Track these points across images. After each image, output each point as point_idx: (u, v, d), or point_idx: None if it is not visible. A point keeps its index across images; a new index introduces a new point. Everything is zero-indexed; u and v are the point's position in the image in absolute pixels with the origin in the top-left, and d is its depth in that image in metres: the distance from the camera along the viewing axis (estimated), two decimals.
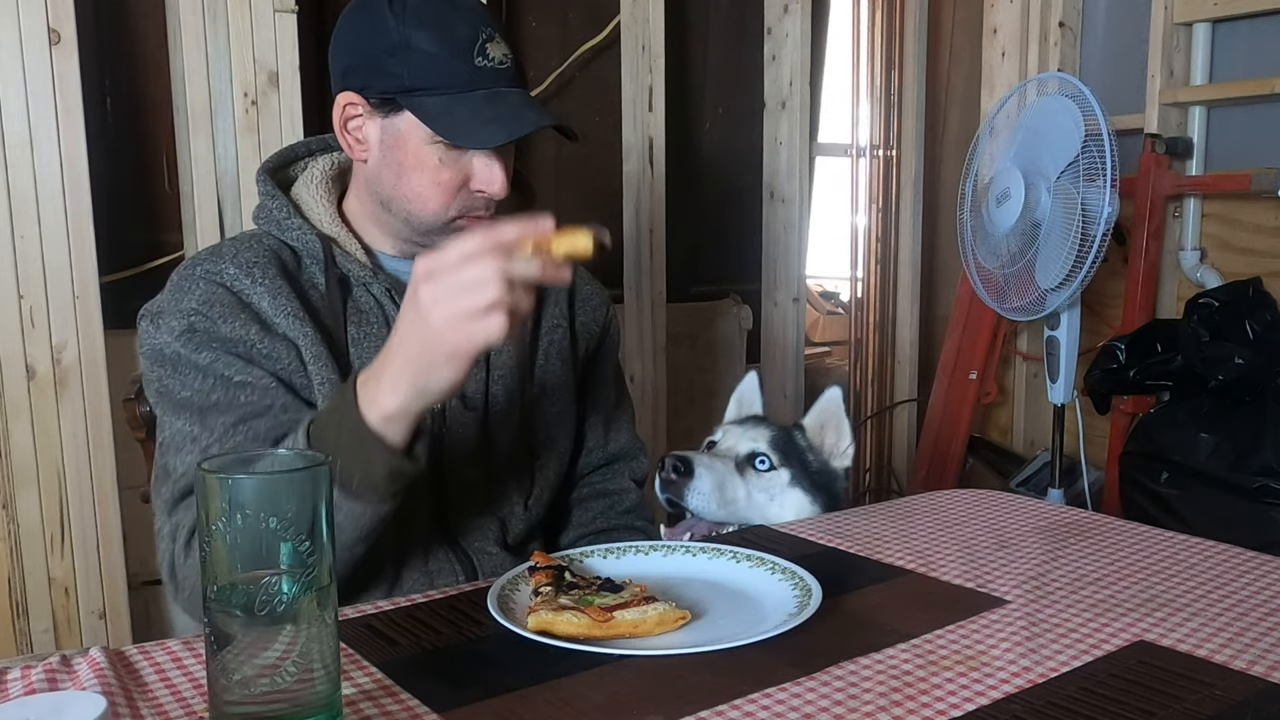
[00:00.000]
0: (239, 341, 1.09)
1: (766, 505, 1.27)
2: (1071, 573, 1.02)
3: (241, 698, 0.66)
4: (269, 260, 1.14)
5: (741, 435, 1.31)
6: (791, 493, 1.28)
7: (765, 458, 1.28)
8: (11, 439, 1.86)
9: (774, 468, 1.28)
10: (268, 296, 1.11)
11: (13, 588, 1.88)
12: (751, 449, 1.28)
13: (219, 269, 1.12)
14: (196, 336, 1.09)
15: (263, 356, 1.10)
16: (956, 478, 2.84)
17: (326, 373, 1.12)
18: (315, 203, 1.21)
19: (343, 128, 1.16)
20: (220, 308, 1.09)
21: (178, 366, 1.09)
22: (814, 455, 1.32)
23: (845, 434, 1.34)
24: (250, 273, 1.12)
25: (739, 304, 2.99)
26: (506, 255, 0.87)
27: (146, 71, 2.10)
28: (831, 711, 0.73)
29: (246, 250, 1.14)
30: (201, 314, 1.09)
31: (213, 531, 0.65)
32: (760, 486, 1.27)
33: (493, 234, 0.87)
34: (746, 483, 1.26)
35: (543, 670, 0.80)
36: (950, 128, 3.26)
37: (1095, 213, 2.11)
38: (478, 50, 1.09)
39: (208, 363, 1.08)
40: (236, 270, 1.12)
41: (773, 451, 1.28)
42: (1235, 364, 2.05)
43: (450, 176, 1.13)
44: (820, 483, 1.30)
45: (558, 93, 2.65)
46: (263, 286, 1.11)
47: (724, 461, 1.27)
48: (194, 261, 1.15)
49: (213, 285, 1.11)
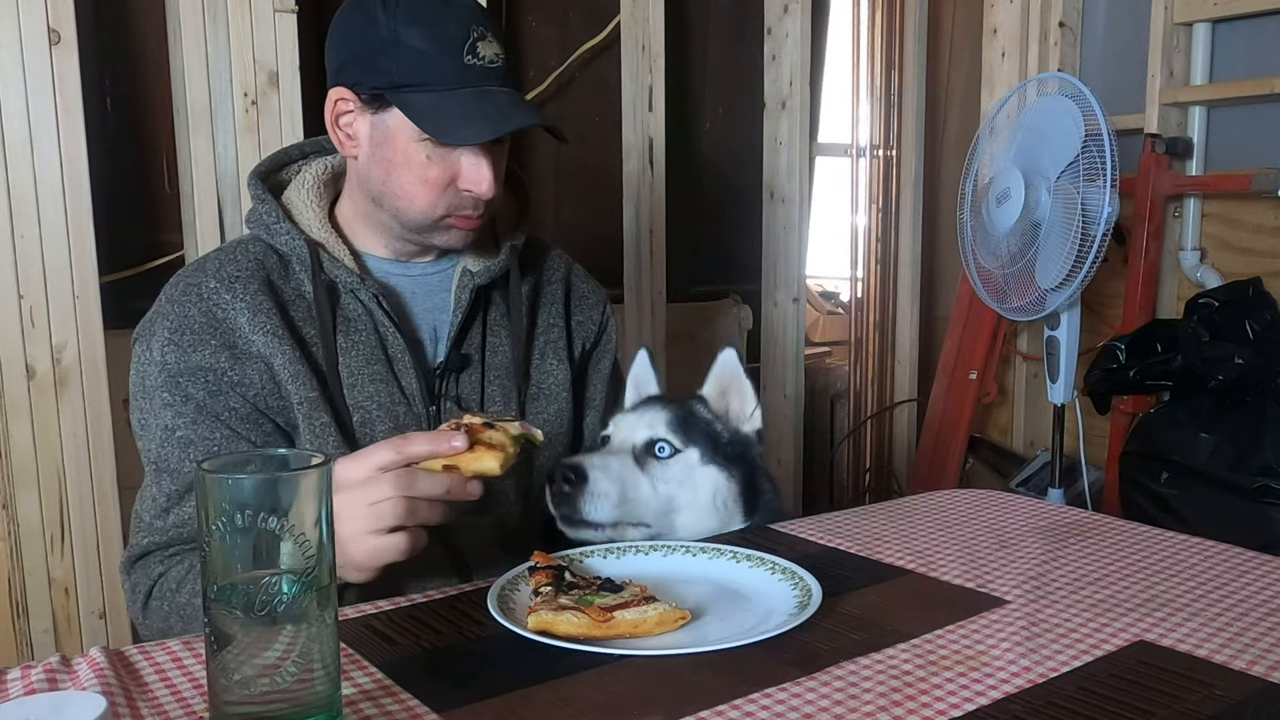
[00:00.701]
0: (209, 370, 1.11)
1: (677, 493, 1.15)
2: (1071, 573, 1.02)
3: (241, 698, 0.66)
4: (251, 274, 1.15)
5: (636, 422, 1.19)
6: (703, 471, 1.17)
7: (665, 443, 1.15)
8: (11, 439, 1.86)
9: (677, 451, 1.16)
10: (246, 313, 1.12)
11: (13, 588, 1.88)
12: (649, 436, 1.16)
13: (199, 281, 1.14)
14: (168, 369, 1.11)
15: (231, 385, 1.12)
16: (956, 478, 2.84)
17: (305, 391, 1.12)
18: (305, 207, 1.21)
19: (334, 123, 1.16)
20: (190, 335, 1.12)
21: (146, 410, 1.13)
22: (722, 425, 1.21)
23: (749, 397, 1.23)
24: (231, 287, 1.13)
25: (739, 304, 2.99)
26: (410, 476, 0.89)
27: (146, 71, 2.10)
28: (831, 711, 0.73)
29: (231, 264, 1.15)
30: (174, 343, 1.12)
31: (213, 531, 0.65)
32: (665, 476, 1.15)
33: (402, 449, 0.90)
34: (650, 475, 1.14)
35: (543, 670, 0.80)
36: (950, 128, 3.26)
37: (1095, 213, 2.11)
38: (468, 48, 1.10)
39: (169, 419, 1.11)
40: (217, 284, 1.14)
41: (673, 434, 1.16)
42: (1235, 364, 2.05)
43: (438, 174, 1.13)
44: (733, 454, 1.20)
45: (558, 93, 2.65)
46: (242, 302, 1.13)
47: (619, 457, 1.14)
48: (179, 276, 1.18)
49: (189, 304, 1.13)
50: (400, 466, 0.90)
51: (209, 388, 1.11)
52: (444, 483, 0.90)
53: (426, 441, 0.91)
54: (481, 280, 1.22)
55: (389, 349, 1.18)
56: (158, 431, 1.12)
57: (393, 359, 1.18)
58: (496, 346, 1.26)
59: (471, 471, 0.91)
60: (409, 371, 1.19)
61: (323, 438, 1.13)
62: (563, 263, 1.37)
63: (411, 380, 1.19)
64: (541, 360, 1.30)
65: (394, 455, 0.90)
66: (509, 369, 1.26)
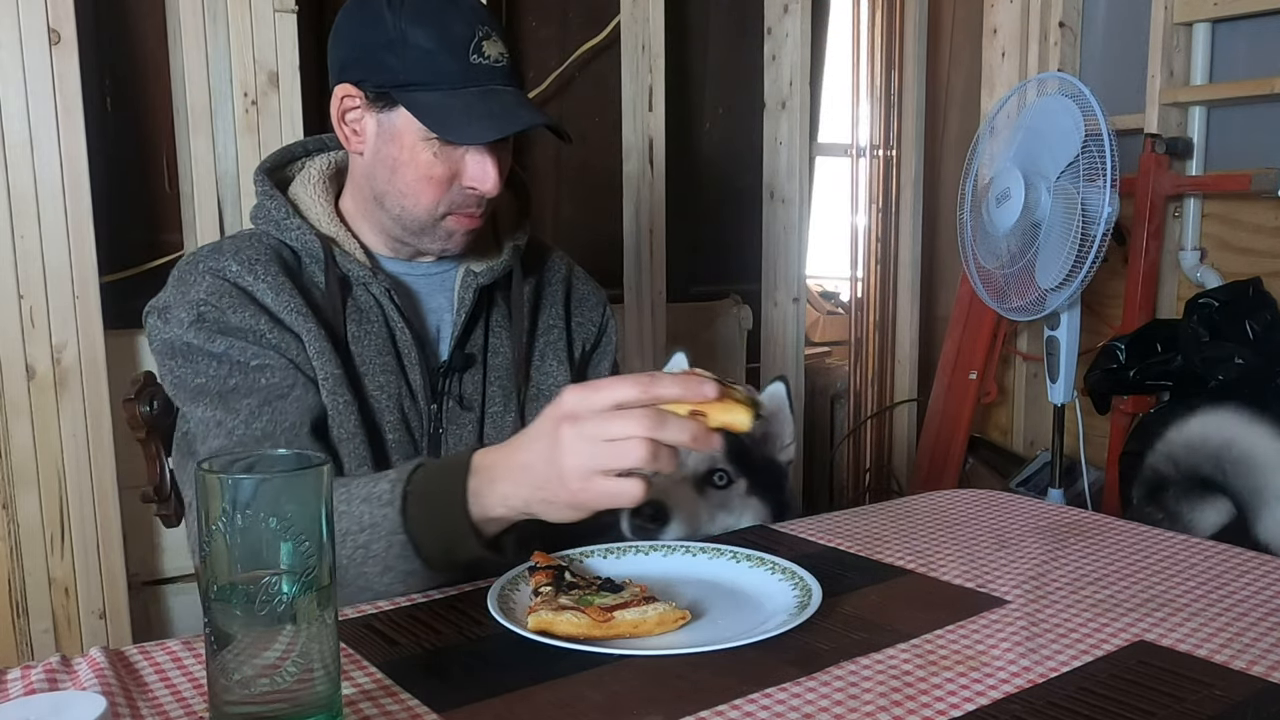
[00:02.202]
0: (249, 331, 1.10)
1: (727, 519, 1.21)
2: (1071, 573, 1.02)
3: (241, 698, 0.66)
4: (270, 258, 1.15)
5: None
6: (749, 501, 1.22)
7: (724, 473, 1.20)
8: (11, 439, 1.86)
9: (731, 481, 1.21)
10: (270, 293, 1.12)
11: (13, 588, 1.88)
12: (710, 465, 1.20)
13: (222, 265, 1.13)
14: (207, 326, 1.09)
15: (274, 345, 1.11)
16: (956, 478, 2.84)
17: (330, 368, 1.13)
18: (313, 202, 1.21)
19: (340, 119, 1.17)
20: (228, 299, 1.10)
21: (190, 356, 1.10)
22: (758, 451, 1.25)
23: (788, 430, 1.26)
24: (253, 269, 1.13)
25: (739, 304, 2.99)
26: (659, 416, 0.82)
27: (146, 71, 2.10)
28: (831, 711, 0.73)
29: (248, 248, 1.15)
30: (211, 304, 1.10)
31: (213, 531, 0.66)
32: (720, 503, 1.21)
33: (651, 387, 0.82)
34: (708, 502, 1.19)
35: (543, 670, 0.80)
36: (950, 128, 3.26)
37: (1095, 213, 2.11)
38: (474, 48, 1.10)
39: (222, 350, 1.09)
40: (239, 266, 1.13)
41: (729, 464, 1.21)
42: (1235, 364, 2.05)
43: (442, 172, 1.13)
44: (768, 483, 1.24)
45: (558, 93, 2.65)
46: (265, 283, 1.12)
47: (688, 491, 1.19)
48: (195, 258, 1.16)
49: (217, 279, 1.12)
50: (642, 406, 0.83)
51: (255, 342, 1.10)
52: (691, 429, 0.82)
53: (676, 384, 0.83)
54: (484, 280, 1.22)
55: (398, 343, 1.19)
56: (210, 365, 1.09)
57: (401, 353, 1.19)
58: (498, 347, 1.26)
59: (719, 423, 0.83)
60: (415, 367, 1.19)
61: (345, 415, 1.13)
62: (563, 264, 1.37)
63: (417, 376, 1.19)
64: (542, 361, 1.30)
65: (639, 393, 0.82)
66: (509, 369, 1.26)
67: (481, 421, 1.24)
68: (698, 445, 0.83)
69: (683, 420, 0.83)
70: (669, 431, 0.82)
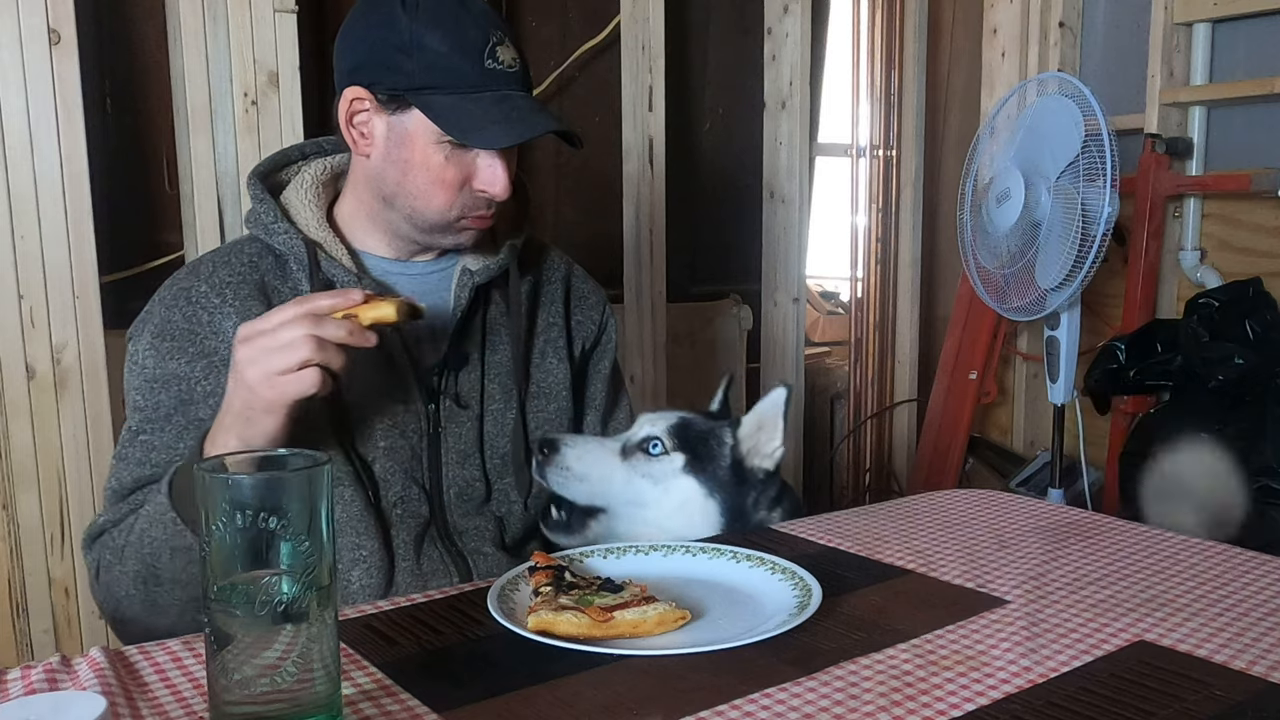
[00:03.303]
0: (182, 379, 1.13)
1: (649, 489, 1.18)
2: (1071, 573, 1.02)
3: (241, 698, 0.66)
4: (244, 279, 1.16)
5: (645, 421, 1.24)
6: (683, 479, 1.19)
7: (658, 442, 1.19)
8: (11, 439, 1.86)
9: (665, 452, 1.19)
10: (234, 317, 1.13)
11: (13, 588, 1.88)
12: (647, 433, 1.20)
13: (191, 285, 1.16)
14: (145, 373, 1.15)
15: (204, 395, 1.13)
16: (956, 478, 2.84)
17: None
18: (304, 207, 1.21)
19: (348, 122, 1.16)
20: (169, 342, 1.14)
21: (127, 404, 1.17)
22: (735, 451, 1.22)
23: (778, 437, 1.23)
24: (221, 292, 1.15)
25: (739, 304, 2.99)
26: (316, 319, 0.96)
27: (146, 71, 2.10)
28: (831, 711, 0.73)
29: (224, 267, 1.17)
30: (154, 348, 1.14)
31: (213, 531, 0.66)
32: (645, 471, 1.18)
33: (305, 303, 0.97)
34: (630, 466, 1.19)
35: (543, 670, 0.80)
36: (950, 128, 3.26)
37: (1095, 213, 2.11)
38: (488, 52, 1.10)
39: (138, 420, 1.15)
40: (208, 289, 1.15)
41: (669, 437, 1.19)
42: (1235, 364, 2.05)
43: (454, 175, 1.14)
44: (724, 479, 1.21)
45: (558, 93, 2.65)
46: (231, 307, 1.14)
47: (603, 443, 1.21)
48: (175, 277, 1.20)
49: (175, 308, 1.15)
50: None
51: (180, 396, 1.13)
52: (346, 326, 0.98)
53: (327, 296, 0.99)
54: (481, 279, 1.22)
55: (387, 346, 1.18)
56: (129, 426, 1.15)
57: (393, 355, 1.19)
58: (496, 345, 1.26)
59: (370, 319, 0.99)
60: (407, 369, 1.19)
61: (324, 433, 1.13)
62: (562, 263, 1.37)
63: (409, 377, 1.19)
64: (541, 359, 1.30)
65: (297, 309, 0.97)
66: (508, 367, 1.26)
67: (481, 419, 1.23)
68: (355, 340, 0.98)
69: (338, 320, 0.98)
70: (326, 329, 0.97)
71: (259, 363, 0.96)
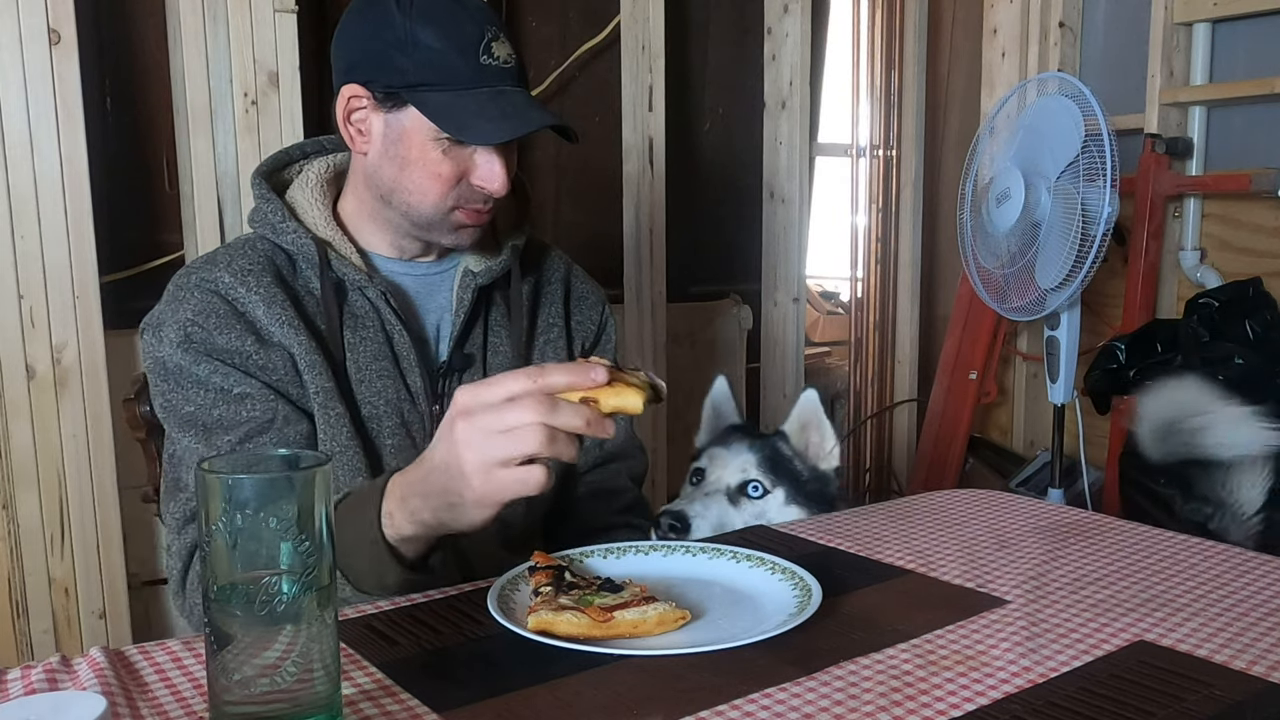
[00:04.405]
0: (235, 353, 1.10)
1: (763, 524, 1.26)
2: (1071, 573, 1.02)
3: (241, 698, 0.66)
4: (263, 267, 1.15)
5: (729, 461, 1.29)
6: (787, 511, 1.27)
7: (758, 484, 1.26)
8: (11, 439, 1.86)
9: (767, 492, 1.26)
10: (262, 305, 1.12)
11: (13, 588, 1.88)
12: (742, 478, 1.26)
13: (214, 276, 1.13)
14: (194, 347, 1.10)
15: (258, 368, 1.11)
16: (956, 478, 2.84)
17: (321, 381, 1.13)
18: (310, 206, 1.21)
19: (346, 120, 1.16)
20: (215, 318, 1.11)
21: (180, 380, 1.11)
22: (801, 462, 1.30)
23: (828, 434, 1.31)
24: (244, 280, 1.13)
25: (739, 304, 2.99)
26: (551, 402, 0.82)
27: (146, 71, 2.10)
28: (831, 711, 0.73)
29: (241, 257, 1.15)
30: (197, 324, 1.10)
31: (213, 531, 0.65)
32: (755, 513, 1.26)
33: (540, 378, 0.83)
34: (741, 513, 1.26)
35: (543, 670, 0.79)
36: (950, 128, 3.26)
37: (1095, 213, 2.11)
38: (483, 49, 1.10)
39: (206, 374, 1.10)
40: (231, 278, 1.13)
41: (764, 475, 1.27)
42: (1235, 364, 2.05)
43: (451, 171, 1.14)
44: (812, 491, 1.29)
45: (558, 93, 2.65)
46: (257, 295, 1.12)
47: (716, 498, 1.25)
48: (189, 270, 1.16)
49: (207, 294, 1.12)
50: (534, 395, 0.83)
51: (240, 367, 1.10)
52: (585, 414, 0.83)
53: (565, 372, 0.83)
54: (483, 280, 1.23)
55: (395, 346, 1.19)
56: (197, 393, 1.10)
57: (399, 356, 1.19)
58: (498, 346, 1.26)
59: (611, 407, 0.84)
60: (414, 369, 1.19)
61: (337, 428, 1.13)
62: (562, 263, 1.38)
63: (416, 378, 1.19)
64: (541, 360, 1.30)
65: (529, 384, 0.82)
66: (510, 368, 1.25)
67: None
68: (592, 430, 0.83)
69: (575, 406, 0.83)
70: (562, 417, 0.82)
71: (478, 448, 0.83)
